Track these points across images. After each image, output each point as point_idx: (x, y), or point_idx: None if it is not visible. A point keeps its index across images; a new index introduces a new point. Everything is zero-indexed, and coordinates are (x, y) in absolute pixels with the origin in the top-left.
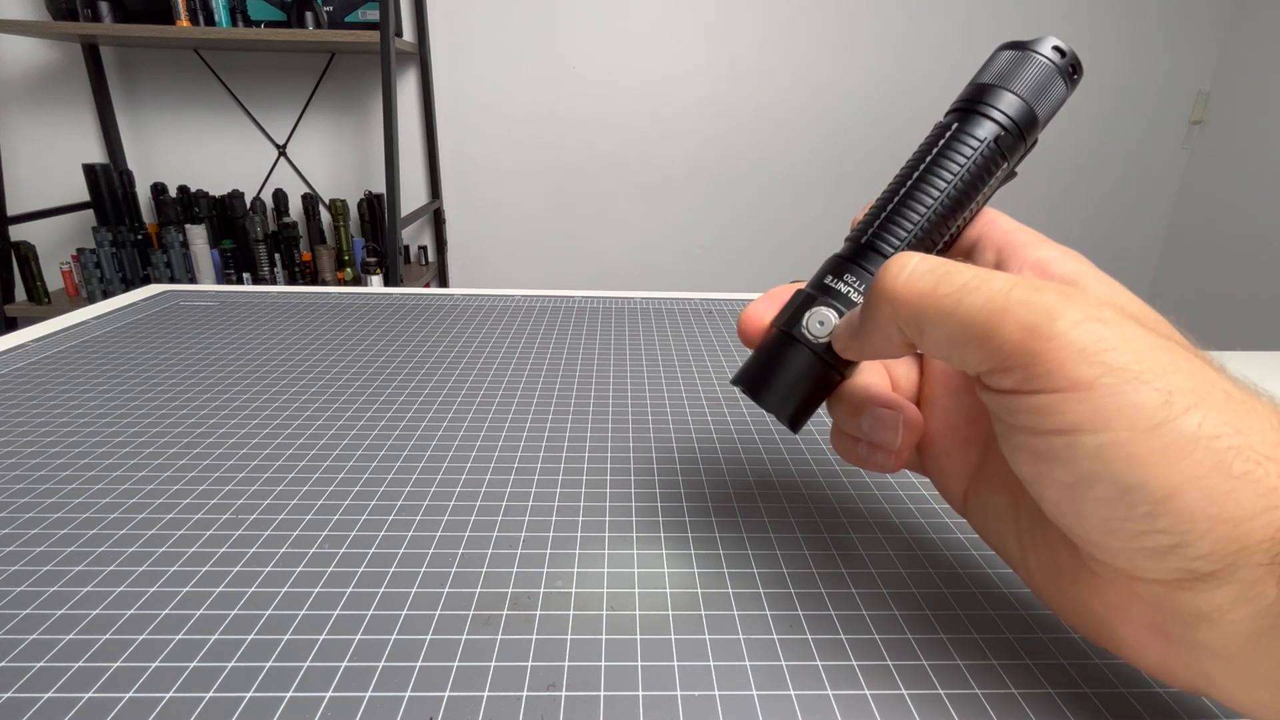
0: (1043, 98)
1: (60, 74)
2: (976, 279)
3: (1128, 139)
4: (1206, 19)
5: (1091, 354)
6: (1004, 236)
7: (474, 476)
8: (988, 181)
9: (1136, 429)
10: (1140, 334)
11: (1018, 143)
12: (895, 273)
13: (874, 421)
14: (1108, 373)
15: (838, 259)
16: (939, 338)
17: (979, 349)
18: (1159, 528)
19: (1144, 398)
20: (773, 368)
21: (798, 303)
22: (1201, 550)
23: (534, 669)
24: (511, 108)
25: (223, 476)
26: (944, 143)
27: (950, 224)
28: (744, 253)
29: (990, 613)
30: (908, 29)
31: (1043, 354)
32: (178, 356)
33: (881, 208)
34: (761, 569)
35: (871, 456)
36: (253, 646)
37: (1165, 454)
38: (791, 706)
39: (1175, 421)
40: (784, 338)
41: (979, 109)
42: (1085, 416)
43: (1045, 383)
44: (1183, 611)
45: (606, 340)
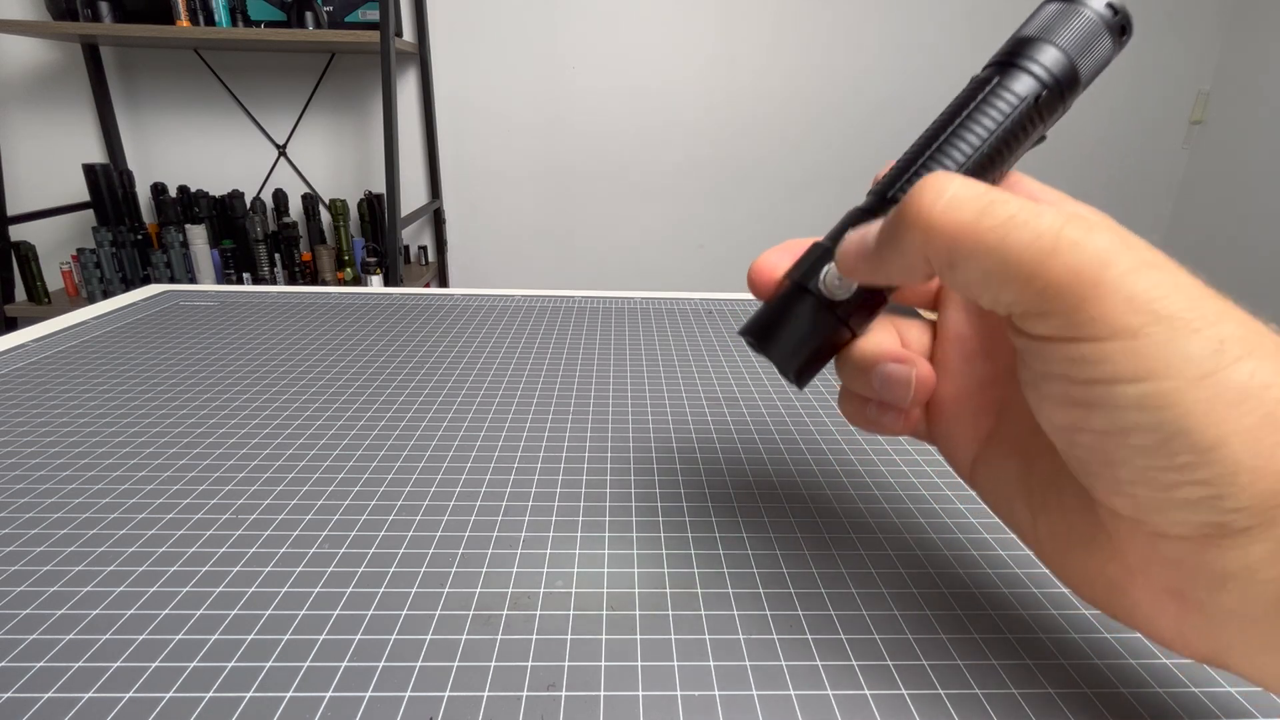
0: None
1: (60, 74)
2: (1024, 212)
3: (1128, 139)
4: (1206, 19)
5: (1142, 302)
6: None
7: (474, 476)
8: (1022, 142)
9: (1185, 377)
10: (1192, 282)
11: (1056, 102)
12: (933, 197)
13: (884, 378)
14: (1155, 321)
15: (860, 212)
16: (973, 273)
17: (1019, 289)
18: (1198, 478)
19: (1194, 347)
20: (783, 320)
21: (815, 256)
22: (1240, 503)
23: (534, 669)
24: (511, 108)
25: (223, 476)
26: (982, 98)
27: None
28: (744, 253)
29: (990, 613)
30: (908, 30)
31: (1090, 300)
32: (178, 356)
33: (910, 162)
34: (761, 569)
35: (881, 418)
36: (253, 646)
37: (1214, 404)
38: (791, 706)
39: (1226, 370)
40: (797, 290)
41: (1020, 63)
42: (1129, 366)
43: (1088, 330)
44: (1208, 571)
45: (606, 340)
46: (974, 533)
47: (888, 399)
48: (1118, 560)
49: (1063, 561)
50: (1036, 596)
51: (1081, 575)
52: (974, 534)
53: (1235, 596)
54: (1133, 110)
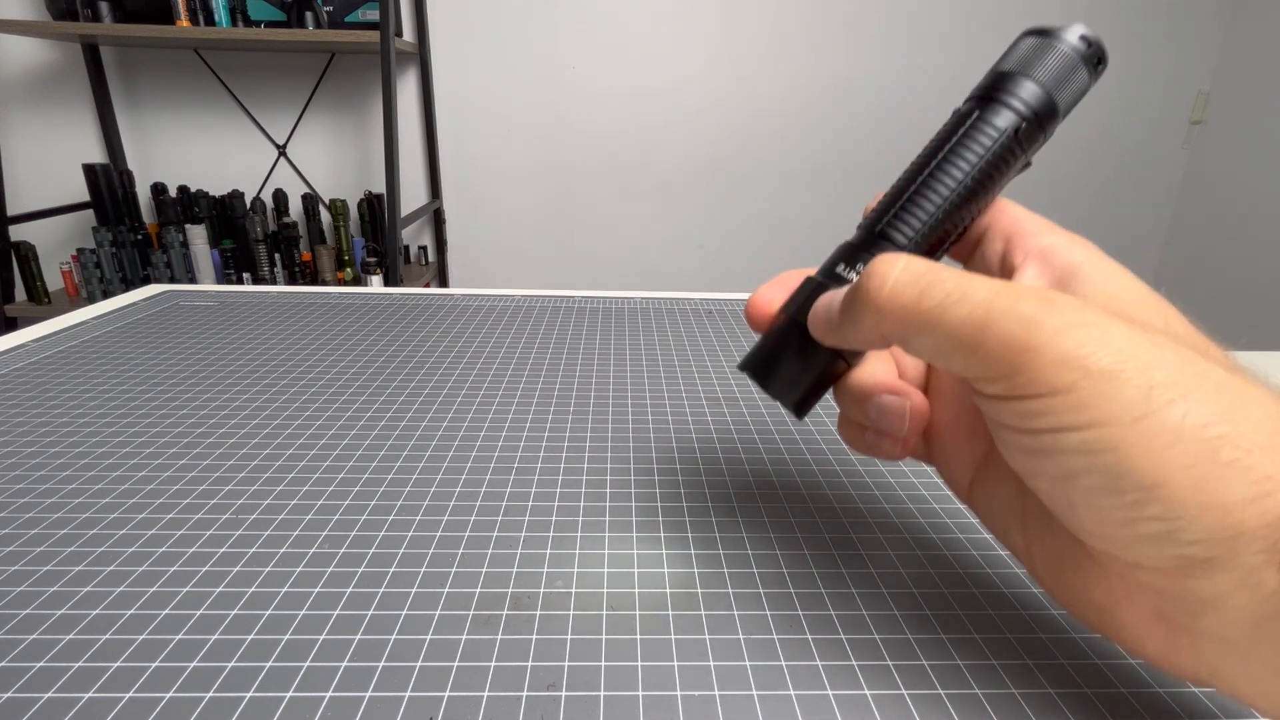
0: (1065, 87)
1: (60, 74)
2: (959, 289)
3: (1128, 139)
4: (1206, 19)
5: (1071, 360)
6: (1013, 224)
7: (474, 476)
8: (1005, 173)
9: (1120, 422)
10: (1123, 333)
11: (1037, 133)
12: (878, 284)
13: (880, 409)
14: (1086, 376)
15: (850, 247)
16: (925, 347)
17: (965, 359)
18: (1150, 514)
19: (1125, 394)
20: (780, 354)
21: (808, 291)
22: (1194, 536)
23: (534, 669)
24: (511, 108)
25: (223, 476)
26: (963, 132)
27: (965, 215)
28: (744, 253)
29: (990, 613)
30: (908, 29)
31: (1024, 365)
32: (178, 356)
33: (896, 196)
34: (761, 569)
35: (878, 444)
36: (253, 646)
37: (1150, 444)
38: (791, 706)
39: (1158, 413)
40: (793, 325)
41: (1000, 98)
42: (1069, 417)
43: (1029, 389)
44: (1185, 599)
45: (606, 340)
46: (974, 532)
47: (883, 429)
48: (1104, 586)
49: (1056, 583)
50: (1036, 596)
51: (1073, 597)
52: (974, 534)
53: (1214, 622)
54: (1133, 110)
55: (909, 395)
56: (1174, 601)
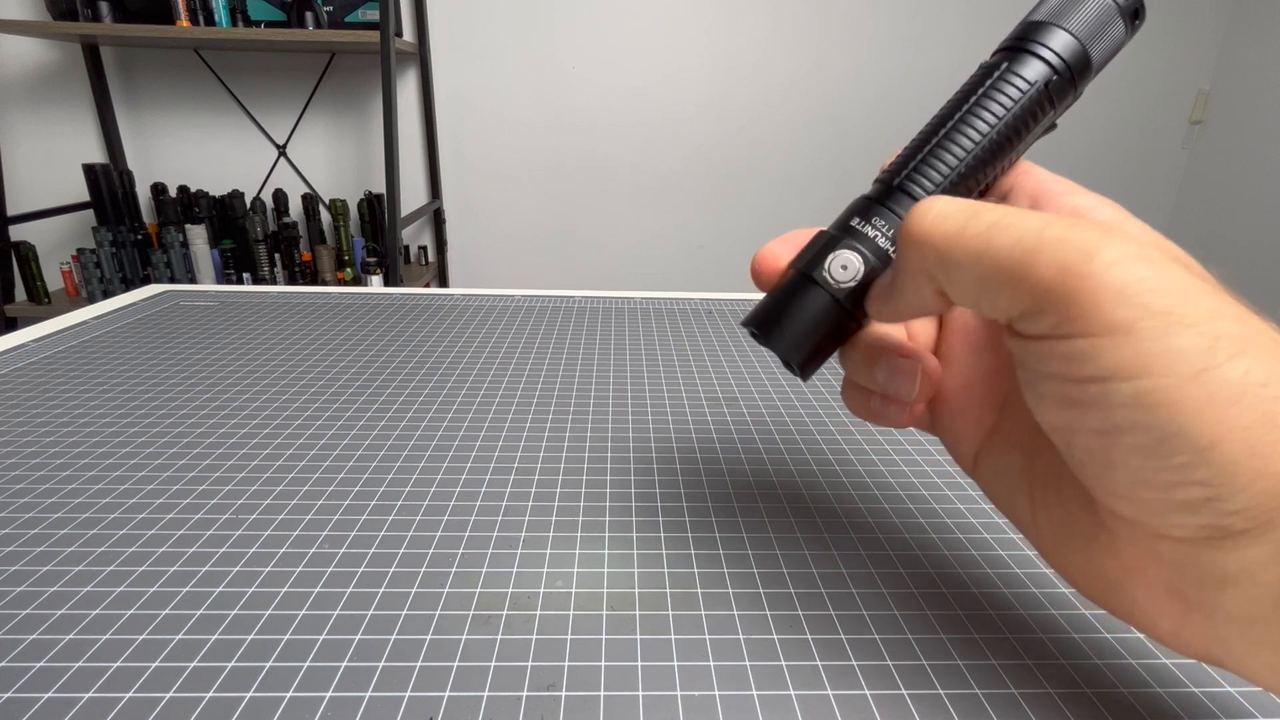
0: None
1: (60, 74)
2: (1008, 217)
3: (1128, 139)
4: (1206, 19)
5: (1132, 294)
6: (1038, 185)
7: (474, 476)
8: (1032, 128)
9: (1178, 375)
10: (1185, 276)
11: (1068, 88)
12: (920, 215)
13: (889, 371)
14: (1148, 315)
15: (865, 200)
16: (968, 281)
17: (1011, 291)
18: (1196, 479)
19: (1188, 342)
20: (787, 310)
21: (820, 244)
22: (1238, 505)
23: (534, 669)
24: (511, 108)
25: (223, 476)
26: (990, 83)
27: (989, 171)
28: (744, 253)
29: (990, 613)
30: (908, 28)
31: (1079, 294)
32: (178, 356)
33: (917, 149)
34: (761, 569)
35: (884, 410)
36: (253, 646)
37: (1209, 402)
38: (791, 706)
39: (1220, 368)
40: (802, 279)
41: (1029, 48)
42: (1124, 362)
43: (1080, 326)
44: (1207, 572)
45: (606, 340)
46: (974, 533)
47: (892, 392)
48: (1118, 559)
49: (1063, 557)
50: (1036, 596)
51: (1082, 572)
52: (974, 534)
53: (1235, 598)
54: (1133, 110)
55: (921, 357)
56: (1193, 575)
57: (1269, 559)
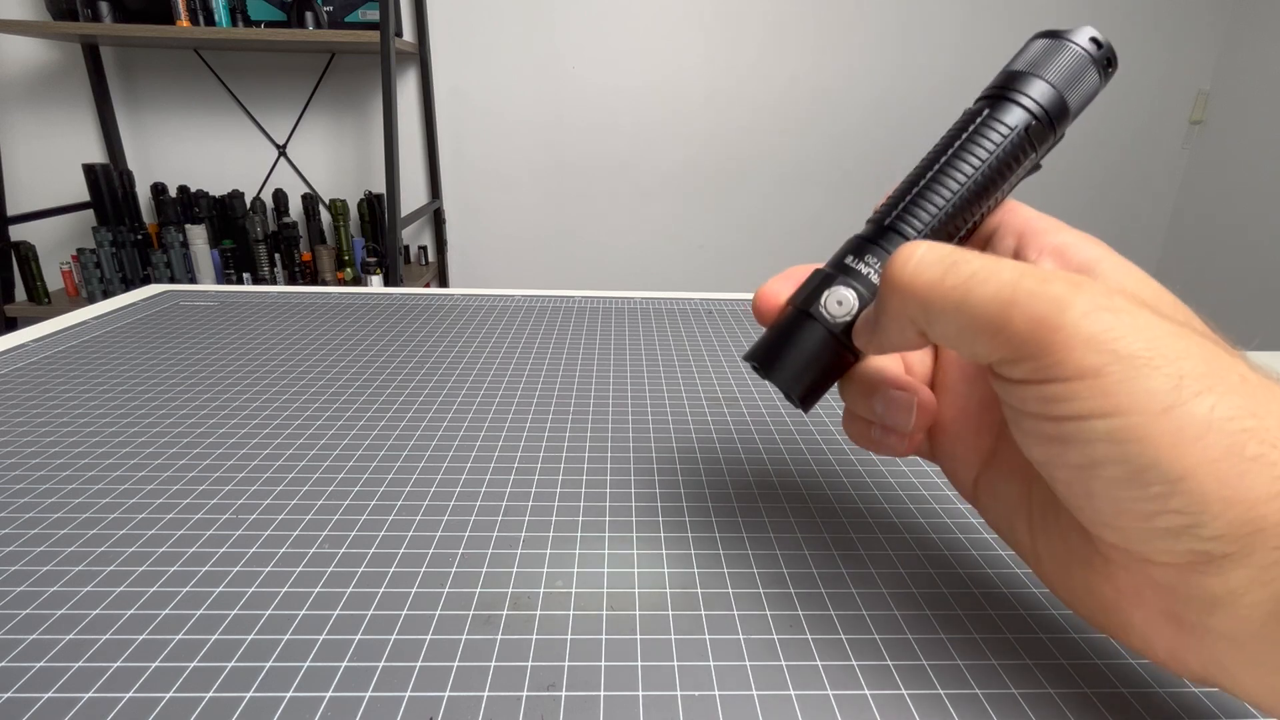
0: (1075, 88)
1: (60, 74)
2: (985, 269)
3: (1128, 139)
4: (1206, 19)
5: (1100, 343)
6: (1024, 223)
7: (474, 476)
8: (1015, 170)
9: (1148, 412)
10: (1152, 321)
11: (1047, 132)
12: (902, 262)
13: (887, 404)
14: (1116, 360)
15: (859, 239)
16: (948, 329)
17: (989, 340)
18: (1172, 508)
19: (1154, 383)
20: (787, 345)
21: (816, 281)
22: (1215, 531)
23: (534, 669)
24: (512, 108)
25: (223, 476)
26: (974, 128)
27: (974, 211)
28: (744, 253)
29: (990, 613)
30: (906, 28)
31: (1052, 345)
32: (178, 356)
33: (906, 190)
34: (761, 569)
35: (884, 440)
36: (253, 646)
37: (1178, 436)
38: (791, 706)
39: (1187, 405)
40: (800, 316)
41: (1010, 96)
42: (1096, 403)
43: (1056, 372)
44: (1197, 595)
45: (606, 340)
46: (974, 533)
47: (889, 424)
48: (1113, 584)
49: (1062, 582)
50: (1036, 596)
51: (1080, 595)
52: (974, 534)
53: (1224, 619)
54: (1133, 110)
55: (916, 390)
56: (1184, 598)
57: (1251, 581)
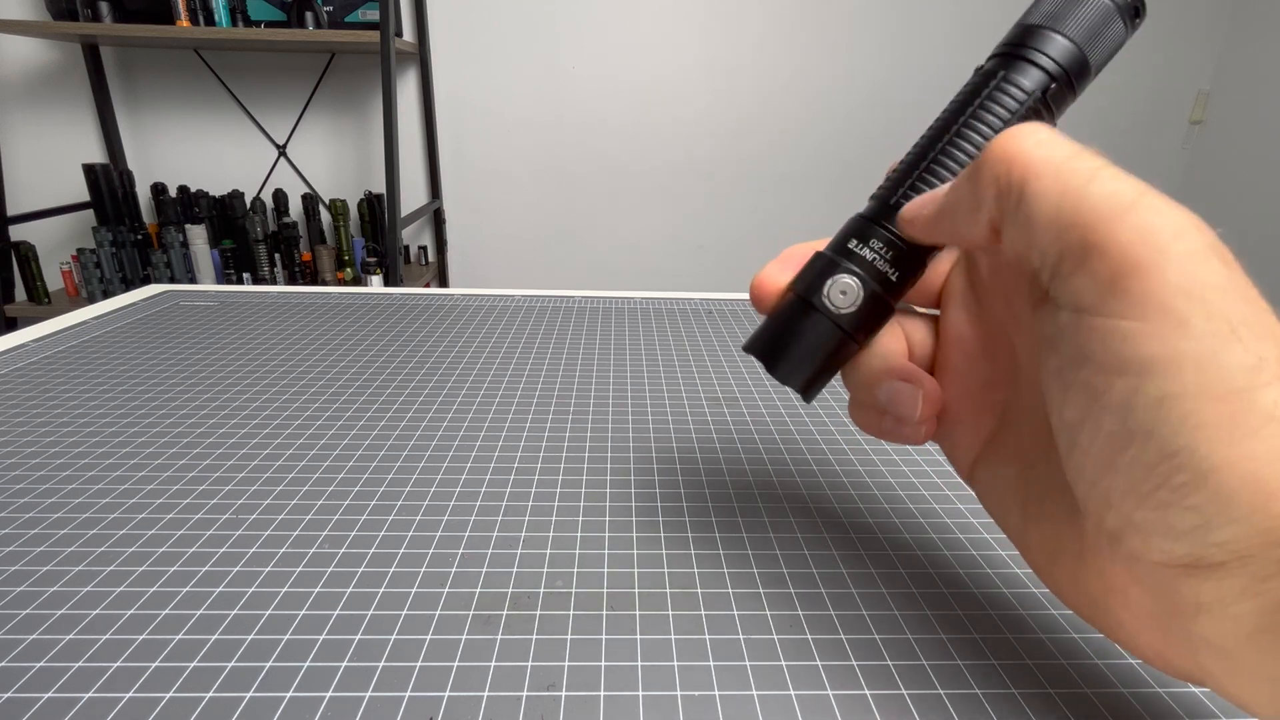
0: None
1: (60, 74)
2: (1109, 169)
3: (1127, 139)
4: (1206, 19)
5: (1198, 289)
6: None
7: (474, 476)
8: None
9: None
10: (1252, 291)
11: (1067, 94)
12: (1021, 135)
13: (891, 395)
14: (1206, 315)
15: (862, 220)
16: (1041, 216)
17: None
18: (1190, 503)
19: (1232, 356)
20: (788, 336)
21: (818, 268)
22: (1224, 536)
23: (534, 669)
24: (511, 108)
25: (223, 476)
26: (986, 94)
27: None
28: (744, 253)
29: (990, 613)
30: (905, 26)
31: (1150, 270)
32: (178, 356)
33: (914, 164)
34: (761, 569)
35: (898, 429)
36: (253, 646)
37: (1229, 423)
38: (791, 706)
39: (1255, 392)
40: (802, 305)
41: (1026, 55)
42: (1161, 353)
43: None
44: (1181, 601)
45: (606, 340)
46: (974, 533)
47: (894, 413)
48: (1100, 579)
49: (1051, 572)
50: (1036, 596)
51: (1068, 588)
52: (974, 534)
53: (1208, 627)
54: (1133, 110)
55: (921, 382)
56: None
57: (1240, 592)
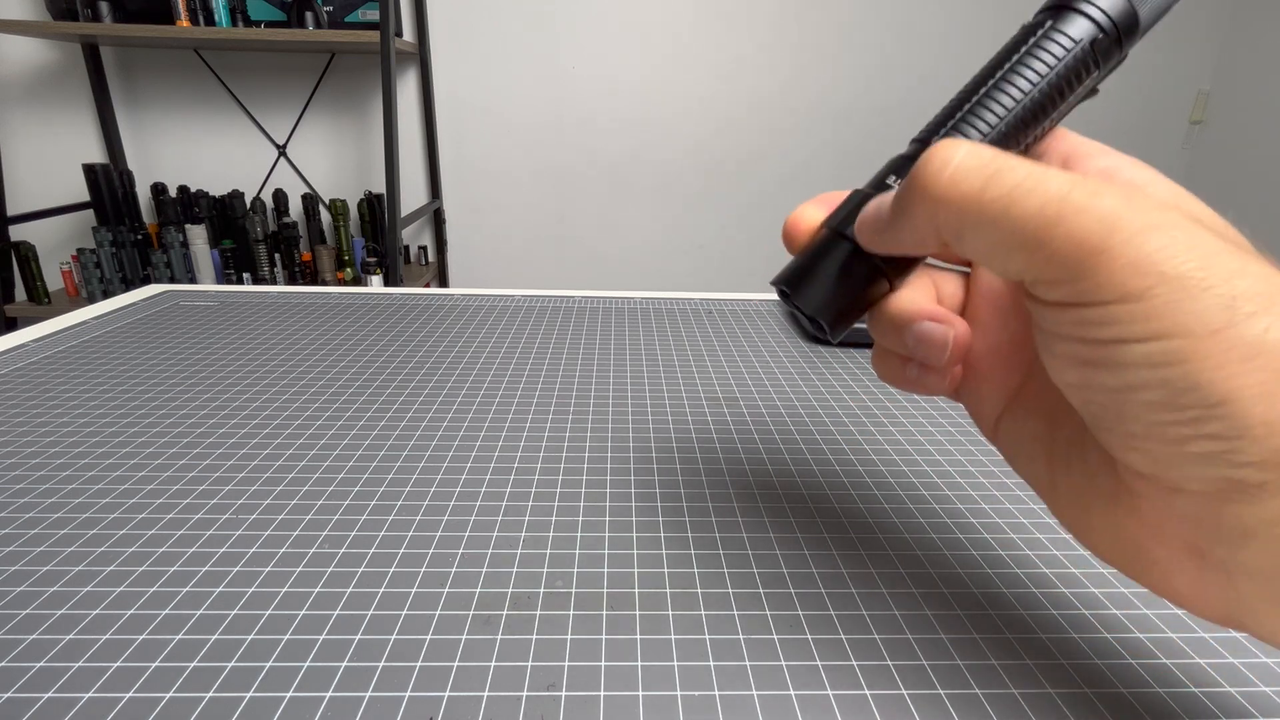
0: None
1: (60, 74)
2: (1030, 179)
3: (1128, 139)
4: (1206, 19)
5: (1148, 265)
6: (1070, 147)
7: (474, 476)
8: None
9: (1194, 334)
10: (1206, 238)
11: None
12: (938, 167)
13: (920, 337)
14: (1163, 281)
15: (902, 159)
16: (982, 243)
17: (1027, 258)
18: (1208, 432)
19: (1205, 303)
20: (819, 268)
21: (854, 202)
22: (1251, 457)
23: (534, 669)
24: (511, 108)
25: (223, 476)
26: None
27: (1028, 133)
28: (743, 253)
29: (990, 613)
30: (906, 25)
31: (1095, 267)
32: (178, 356)
33: (957, 107)
34: (761, 569)
35: (923, 378)
36: (253, 646)
37: (1225, 357)
38: (791, 706)
39: (1238, 326)
40: (836, 237)
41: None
42: (1138, 327)
43: (1095, 295)
44: (1227, 527)
45: (606, 340)
46: (974, 533)
47: (922, 358)
48: (1137, 517)
49: (1082, 520)
50: (1036, 596)
51: (1100, 533)
52: (974, 534)
53: (1256, 553)
54: (1133, 110)
55: (952, 323)
56: (1213, 530)
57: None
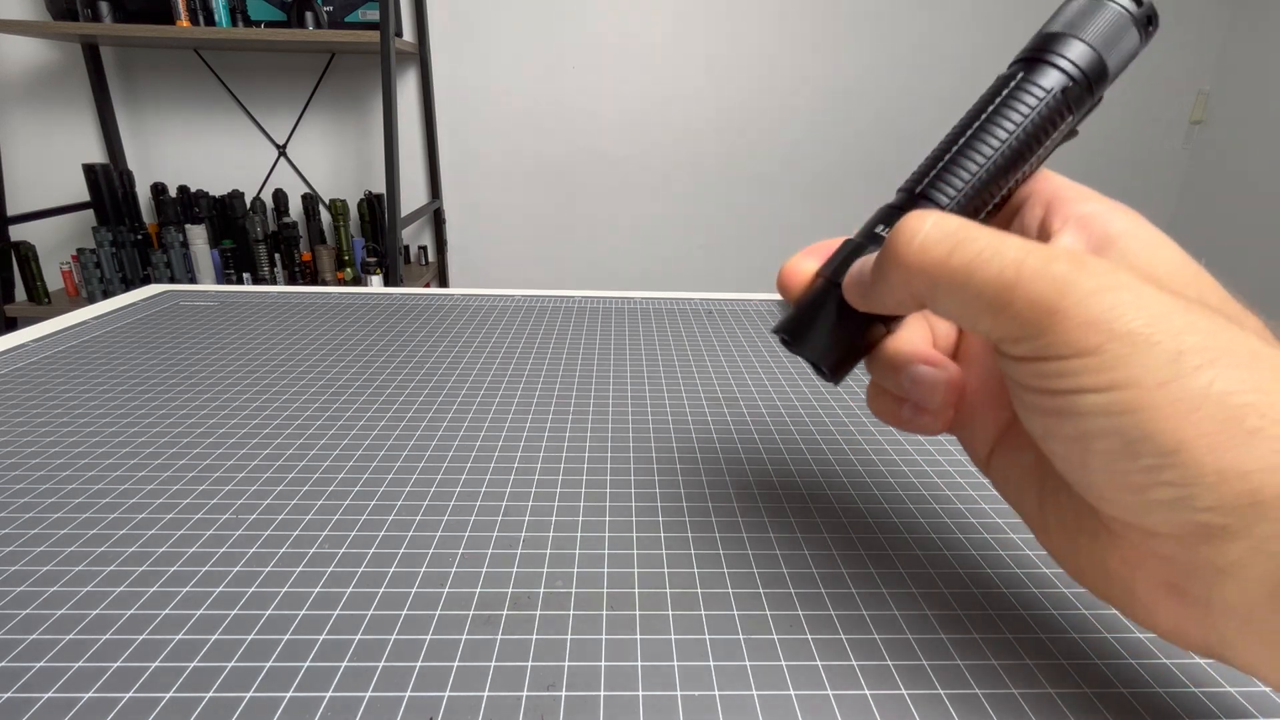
0: (1114, 48)
1: (60, 74)
2: (990, 248)
3: (1128, 139)
4: (1206, 19)
5: (1099, 323)
6: (1053, 191)
7: (474, 476)
8: (1050, 136)
9: (1143, 386)
10: (1156, 296)
11: (1085, 95)
12: (908, 238)
13: (914, 379)
14: (1113, 339)
15: (890, 209)
16: (952, 305)
17: (991, 319)
18: (1165, 480)
19: (1152, 358)
20: (817, 317)
21: (846, 251)
22: (1208, 502)
23: (534, 669)
24: (511, 108)
25: (223, 476)
26: (1008, 92)
27: (1008, 178)
28: (743, 253)
29: (990, 613)
30: (908, 24)
31: (1051, 326)
32: (178, 356)
33: (938, 157)
34: (761, 569)
35: (916, 419)
36: (253, 646)
37: (1173, 408)
38: (791, 706)
39: (1184, 379)
40: (831, 287)
41: (1046, 58)
42: (1091, 379)
43: (1053, 351)
44: (1201, 567)
45: (606, 340)
46: (974, 532)
47: (917, 399)
48: (1118, 555)
49: (1070, 553)
50: (1036, 596)
51: (1087, 567)
52: (974, 534)
53: (1229, 591)
54: (1133, 110)
55: (945, 366)
56: (1188, 570)
57: (1253, 553)
